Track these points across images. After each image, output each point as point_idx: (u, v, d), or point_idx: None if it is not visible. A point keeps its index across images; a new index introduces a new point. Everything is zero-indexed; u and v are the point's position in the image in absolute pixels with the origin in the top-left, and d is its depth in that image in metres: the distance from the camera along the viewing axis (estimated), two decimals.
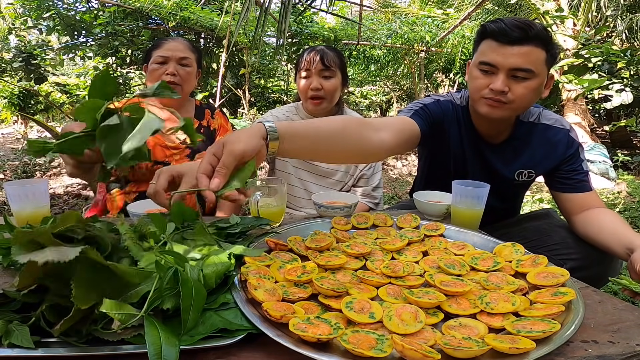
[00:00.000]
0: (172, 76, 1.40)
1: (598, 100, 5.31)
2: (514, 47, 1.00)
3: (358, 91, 10.92)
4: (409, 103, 8.25)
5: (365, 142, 0.97)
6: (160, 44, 1.45)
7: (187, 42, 1.49)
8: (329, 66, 1.45)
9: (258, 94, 5.70)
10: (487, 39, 1.06)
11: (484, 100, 1.07)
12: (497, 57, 1.02)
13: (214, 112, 1.60)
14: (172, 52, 1.41)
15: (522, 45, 1.00)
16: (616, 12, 6.18)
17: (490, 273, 0.78)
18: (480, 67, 1.06)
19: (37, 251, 0.55)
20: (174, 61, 1.41)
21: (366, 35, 5.57)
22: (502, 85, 1.02)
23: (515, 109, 1.08)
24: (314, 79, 1.45)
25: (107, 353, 0.53)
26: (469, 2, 6.76)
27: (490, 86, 1.04)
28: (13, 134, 9.53)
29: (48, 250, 0.54)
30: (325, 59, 1.44)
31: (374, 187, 1.58)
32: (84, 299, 0.54)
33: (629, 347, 0.58)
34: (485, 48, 1.06)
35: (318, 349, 0.54)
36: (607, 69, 4.28)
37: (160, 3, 4.16)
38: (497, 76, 1.03)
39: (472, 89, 1.11)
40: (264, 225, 0.95)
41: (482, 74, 1.06)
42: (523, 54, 1.00)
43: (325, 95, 1.47)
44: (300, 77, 1.49)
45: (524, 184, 1.28)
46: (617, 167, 5.11)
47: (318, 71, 1.45)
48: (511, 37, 1.00)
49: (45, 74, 4.79)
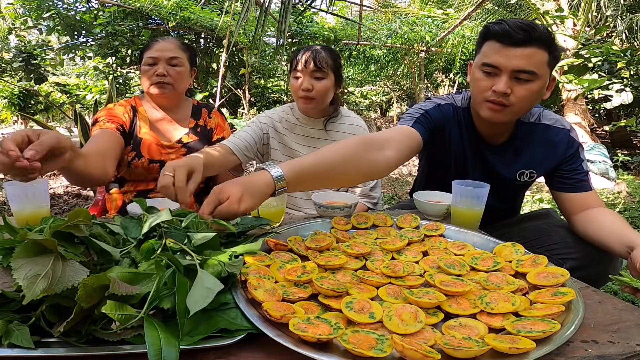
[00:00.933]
0: (162, 76, 1.41)
1: (598, 100, 5.31)
2: (517, 48, 1.00)
3: (358, 91, 10.92)
4: (409, 103, 8.22)
5: (372, 164, 1.00)
6: (150, 45, 1.45)
7: (177, 42, 1.48)
8: (321, 67, 1.44)
9: (258, 94, 5.70)
10: (490, 40, 1.05)
11: (487, 104, 1.06)
12: (500, 58, 1.02)
13: (211, 112, 1.60)
14: (160, 53, 1.41)
15: (525, 47, 0.99)
16: (616, 12, 6.18)
17: (490, 273, 0.78)
18: (483, 69, 1.06)
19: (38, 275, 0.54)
20: (163, 61, 1.41)
21: (366, 35, 5.57)
22: (505, 87, 1.01)
23: (516, 112, 1.08)
24: (305, 79, 1.45)
25: (107, 353, 0.53)
26: (469, 2, 6.75)
27: (492, 88, 1.03)
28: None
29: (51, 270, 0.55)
30: (318, 59, 1.43)
31: (371, 187, 1.57)
32: (88, 299, 0.54)
33: (629, 347, 0.58)
34: (488, 49, 1.05)
35: (318, 349, 0.54)
36: (607, 69, 4.28)
37: (160, 3, 4.16)
38: (500, 78, 1.02)
39: (475, 91, 1.10)
40: (264, 225, 0.94)
41: (485, 76, 1.06)
42: (526, 56, 0.99)
43: (315, 95, 1.46)
44: (294, 77, 1.49)
45: (525, 184, 1.28)
46: (617, 167, 5.11)
47: (310, 72, 1.45)
48: (514, 39, 1.00)
49: (45, 74, 4.78)
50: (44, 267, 0.55)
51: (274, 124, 1.58)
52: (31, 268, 0.54)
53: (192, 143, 1.50)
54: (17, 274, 0.53)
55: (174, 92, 1.45)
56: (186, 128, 1.52)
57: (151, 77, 1.41)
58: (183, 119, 1.54)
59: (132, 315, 0.55)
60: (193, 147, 1.49)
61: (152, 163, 1.43)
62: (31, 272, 0.54)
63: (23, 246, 0.57)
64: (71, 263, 0.58)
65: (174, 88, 1.44)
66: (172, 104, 1.51)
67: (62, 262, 0.57)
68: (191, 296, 0.58)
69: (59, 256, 0.58)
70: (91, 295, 0.54)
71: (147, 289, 0.58)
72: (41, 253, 0.57)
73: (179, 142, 1.48)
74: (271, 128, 1.58)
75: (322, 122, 1.56)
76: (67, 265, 0.57)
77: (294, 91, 1.49)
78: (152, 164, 1.43)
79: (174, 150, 1.47)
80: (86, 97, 5.62)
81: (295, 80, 1.48)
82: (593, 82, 3.91)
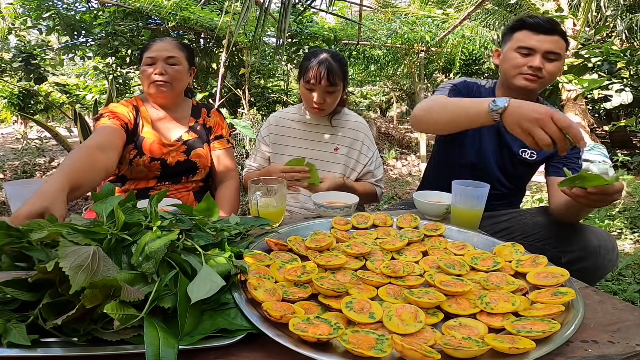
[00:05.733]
0: (160, 75, 1.43)
1: (598, 100, 5.31)
2: (547, 36, 1.29)
3: (358, 91, 10.92)
4: (408, 103, 8.20)
5: None
6: (149, 45, 1.47)
7: (175, 41, 1.50)
8: (334, 83, 1.50)
9: (258, 94, 5.69)
10: (523, 30, 1.33)
11: (522, 76, 1.32)
12: (535, 42, 1.30)
13: (210, 111, 1.63)
14: (158, 52, 1.43)
15: (552, 35, 1.30)
16: (616, 12, 6.18)
17: (490, 273, 0.78)
18: (518, 51, 1.33)
19: (80, 267, 0.55)
20: (162, 61, 1.43)
21: (366, 35, 5.56)
22: (540, 62, 1.29)
23: (544, 83, 1.35)
24: (317, 94, 1.51)
25: (107, 353, 0.53)
26: (469, 2, 6.76)
27: (528, 64, 1.31)
28: (13, 134, 9.53)
29: (91, 262, 0.56)
30: (331, 75, 1.48)
31: (377, 179, 1.68)
32: (92, 299, 0.54)
33: (628, 347, 0.58)
34: (522, 36, 1.33)
35: (318, 349, 0.54)
36: (607, 69, 4.28)
37: (160, 3, 4.15)
38: (535, 57, 1.30)
39: (510, 67, 1.35)
40: (264, 225, 0.95)
41: (521, 56, 1.32)
42: (554, 41, 1.29)
43: (326, 107, 1.57)
44: (305, 86, 1.54)
45: (524, 163, 1.44)
46: (617, 167, 5.11)
47: (323, 87, 1.51)
48: (544, 28, 1.29)
49: (45, 74, 4.77)
50: (86, 259, 0.56)
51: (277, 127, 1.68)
52: (75, 258, 0.55)
53: (191, 141, 1.53)
54: (64, 263, 0.54)
55: (173, 91, 1.47)
56: (186, 126, 1.55)
57: (149, 76, 1.43)
58: (183, 117, 1.56)
59: (133, 315, 0.55)
60: (192, 144, 1.52)
61: (153, 161, 1.45)
62: (75, 263, 0.55)
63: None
64: (105, 259, 0.59)
65: (172, 87, 1.46)
66: (171, 103, 1.53)
67: (98, 256, 0.58)
68: (194, 286, 0.58)
69: (96, 250, 0.59)
70: (96, 296, 0.55)
71: (148, 289, 0.59)
72: (80, 244, 0.59)
73: (179, 140, 1.51)
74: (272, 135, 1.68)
75: (327, 119, 1.66)
76: (101, 260, 0.58)
77: (305, 100, 1.58)
78: (153, 162, 1.45)
79: (175, 147, 1.49)
80: (86, 97, 5.62)
81: (307, 91, 1.54)
82: (593, 82, 3.90)
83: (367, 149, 1.66)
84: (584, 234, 1.20)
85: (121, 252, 0.66)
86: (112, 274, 0.58)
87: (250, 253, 0.79)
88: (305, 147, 1.64)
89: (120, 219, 0.68)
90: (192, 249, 0.71)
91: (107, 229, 0.67)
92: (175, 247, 0.69)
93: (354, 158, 1.65)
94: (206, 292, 0.58)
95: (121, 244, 0.67)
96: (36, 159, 4.78)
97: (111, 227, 0.68)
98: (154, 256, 0.62)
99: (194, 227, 0.80)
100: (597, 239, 1.18)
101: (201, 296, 0.57)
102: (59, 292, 0.57)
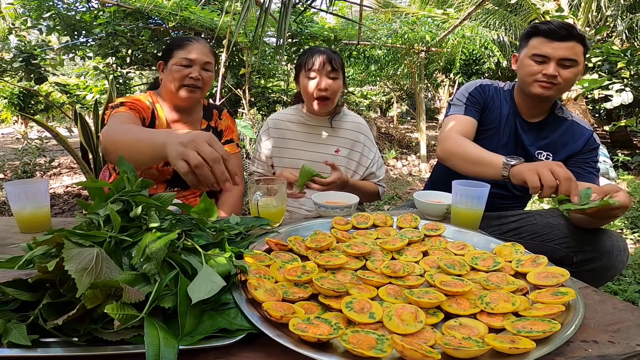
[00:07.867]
0: (196, 80, 1.39)
1: (598, 100, 5.31)
2: (561, 42, 1.28)
3: (358, 91, 10.91)
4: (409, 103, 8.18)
5: None
6: (184, 44, 1.41)
7: (209, 46, 1.47)
8: (336, 68, 1.53)
9: (258, 94, 5.68)
10: (538, 37, 1.32)
11: (538, 83, 1.33)
12: (549, 50, 1.29)
13: (221, 113, 1.61)
14: (197, 56, 1.39)
15: (568, 42, 1.28)
16: (616, 12, 6.18)
17: (490, 273, 0.78)
18: (533, 58, 1.33)
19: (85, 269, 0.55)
20: (199, 65, 1.39)
21: (366, 35, 5.55)
22: (554, 70, 1.29)
23: (561, 90, 1.34)
24: (322, 79, 1.51)
25: (107, 353, 0.53)
26: (469, 2, 6.76)
27: (543, 72, 1.30)
28: (13, 134, 9.53)
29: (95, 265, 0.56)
30: (333, 61, 1.52)
31: (379, 179, 1.69)
32: (93, 299, 0.54)
33: (629, 347, 0.58)
34: (537, 43, 1.32)
35: (318, 349, 0.54)
36: (607, 69, 4.28)
37: (160, 3, 4.15)
38: (549, 64, 1.30)
39: (526, 74, 1.35)
40: (264, 225, 0.94)
41: (535, 63, 1.32)
42: (569, 48, 1.28)
43: (331, 95, 1.55)
44: (307, 77, 1.54)
45: None
46: (617, 167, 5.11)
47: (326, 72, 1.52)
48: (559, 35, 1.27)
49: (45, 74, 4.77)
50: (90, 261, 0.56)
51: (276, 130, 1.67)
52: (80, 261, 0.55)
53: None
54: (69, 266, 0.54)
55: (201, 95, 1.46)
56: (199, 130, 1.52)
57: (184, 79, 1.38)
58: (196, 120, 1.54)
59: (133, 315, 0.55)
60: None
61: (166, 165, 1.40)
62: (80, 265, 0.55)
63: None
64: (107, 260, 0.59)
65: (202, 92, 1.45)
66: (192, 107, 1.51)
67: (101, 259, 0.58)
68: (194, 286, 0.58)
69: (100, 252, 0.59)
70: (96, 296, 0.55)
71: (149, 289, 0.59)
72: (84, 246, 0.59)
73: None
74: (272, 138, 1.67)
75: (327, 120, 1.65)
76: (104, 262, 0.58)
77: (308, 92, 1.56)
78: (167, 166, 1.41)
79: None
80: (86, 97, 5.63)
81: (310, 80, 1.54)
82: (593, 82, 3.90)
83: (368, 151, 1.66)
84: (597, 235, 1.21)
85: (121, 254, 0.66)
86: (115, 275, 0.58)
87: (251, 253, 0.79)
88: (305, 149, 1.64)
89: (117, 221, 0.68)
90: (192, 249, 0.71)
91: (106, 232, 0.66)
92: (175, 247, 0.69)
93: (356, 160, 1.65)
94: (207, 293, 0.58)
95: (121, 246, 0.67)
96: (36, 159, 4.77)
97: (109, 230, 0.68)
98: (155, 257, 0.62)
99: (194, 227, 0.80)
100: (610, 239, 1.19)
101: (202, 296, 0.57)
102: (59, 292, 0.57)
